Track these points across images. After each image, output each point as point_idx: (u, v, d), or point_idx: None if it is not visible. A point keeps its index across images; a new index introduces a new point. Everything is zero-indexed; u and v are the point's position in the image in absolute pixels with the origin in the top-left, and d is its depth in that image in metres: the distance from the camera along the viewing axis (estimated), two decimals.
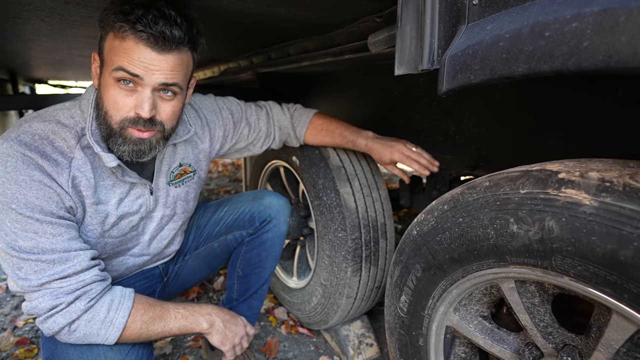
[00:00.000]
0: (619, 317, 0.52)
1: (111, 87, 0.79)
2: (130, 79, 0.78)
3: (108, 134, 0.83)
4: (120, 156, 0.86)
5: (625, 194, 0.48)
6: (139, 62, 0.76)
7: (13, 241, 0.77)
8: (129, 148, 0.83)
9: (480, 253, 0.66)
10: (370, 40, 0.91)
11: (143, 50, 0.76)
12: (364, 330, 1.52)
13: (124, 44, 0.76)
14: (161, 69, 0.78)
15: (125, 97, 0.80)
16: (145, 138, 0.84)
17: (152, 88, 0.79)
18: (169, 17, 0.76)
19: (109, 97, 0.80)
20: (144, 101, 0.79)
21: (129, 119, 0.81)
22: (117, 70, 0.77)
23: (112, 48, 0.78)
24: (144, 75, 0.77)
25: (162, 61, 0.78)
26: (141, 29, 0.74)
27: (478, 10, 0.61)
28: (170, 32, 0.76)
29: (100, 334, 0.82)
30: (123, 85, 0.79)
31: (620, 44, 0.40)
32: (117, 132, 0.82)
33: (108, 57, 0.79)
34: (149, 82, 0.78)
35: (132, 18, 0.74)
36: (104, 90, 0.81)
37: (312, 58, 1.33)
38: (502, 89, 1.05)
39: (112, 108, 0.81)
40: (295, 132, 1.28)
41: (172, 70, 0.80)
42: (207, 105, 1.15)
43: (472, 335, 0.75)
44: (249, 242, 1.28)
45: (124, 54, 0.76)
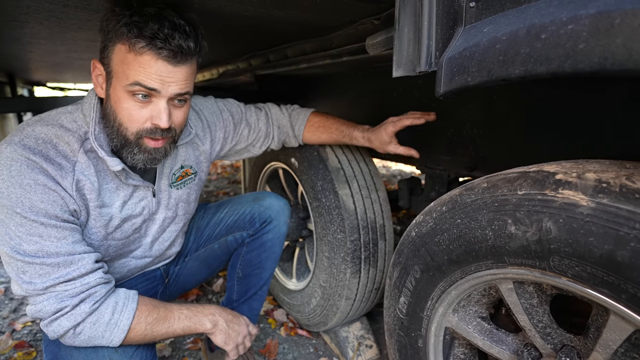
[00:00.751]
0: (616, 317, 0.52)
1: (125, 100, 0.80)
2: (147, 92, 0.79)
3: (122, 144, 0.84)
4: (133, 164, 0.87)
5: (622, 195, 0.48)
6: (156, 77, 0.78)
7: (17, 245, 0.77)
8: (144, 157, 0.86)
9: (478, 254, 0.66)
10: (368, 43, 0.91)
11: (160, 65, 0.77)
12: (363, 332, 1.52)
13: (139, 59, 0.76)
14: (176, 81, 0.80)
15: (141, 109, 0.81)
16: (160, 147, 0.87)
17: (167, 99, 0.81)
18: (180, 28, 0.78)
19: (122, 109, 0.81)
20: (161, 112, 0.81)
21: (146, 130, 0.83)
22: (133, 85, 0.78)
23: (125, 61, 0.77)
24: (161, 89, 0.79)
25: (177, 73, 0.80)
26: (161, 46, 0.75)
27: (475, 12, 0.62)
28: (187, 45, 0.78)
29: (105, 336, 0.82)
30: (139, 99, 0.80)
31: (616, 46, 0.40)
32: (132, 142, 0.84)
33: (119, 70, 0.79)
34: (165, 94, 0.80)
35: (149, 33, 0.74)
36: (116, 103, 0.82)
37: (311, 60, 1.33)
38: (499, 91, 1.06)
39: (128, 120, 0.82)
40: (294, 131, 1.29)
41: (185, 80, 0.82)
42: (208, 107, 1.16)
43: (471, 336, 0.75)
44: (249, 243, 1.29)
45: (139, 68, 0.77)
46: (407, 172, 4.46)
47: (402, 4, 0.70)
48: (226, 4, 0.80)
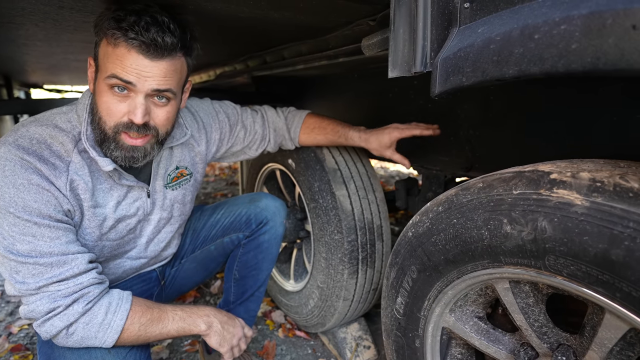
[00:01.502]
0: (611, 316, 0.52)
1: (105, 93, 0.80)
2: (123, 85, 0.78)
3: (102, 138, 0.83)
4: (114, 160, 0.86)
5: (616, 194, 0.48)
6: (132, 69, 0.77)
7: (11, 245, 0.77)
8: (121, 154, 0.84)
9: (474, 254, 0.66)
10: (364, 44, 0.91)
11: (135, 57, 0.76)
12: (361, 333, 1.51)
13: (116, 51, 0.76)
14: (153, 76, 0.79)
15: (119, 103, 0.80)
16: (139, 145, 0.84)
17: (145, 94, 0.80)
18: (161, 24, 0.77)
19: (102, 103, 0.81)
20: (136, 107, 0.79)
21: (122, 124, 0.81)
22: (111, 78, 0.77)
23: (106, 54, 0.78)
24: (137, 82, 0.78)
25: (155, 68, 0.78)
26: (133, 37, 0.74)
27: (469, 13, 0.62)
28: (162, 39, 0.76)
29: (98, 337, 0.82)
30: (117, 92, 0.79)
31: (608, 46, 0.40)
32: (110, 137, 0.82)
33: (102, 64, 0.79)
34: (141, 88, 0.79)
35: (125, 25, 0.74)
36: (98, 96, 0.81)
37: (307, 61, 1.33)
38: (495, 91, 1.06)
39: (106, 114, 0.81)
40: (290, 133, 1.29)
41: (164, 76, 0.80)
42: (204, 108, 1.16)
43: (467, 336, 0.75)
44: (245, 244, 1.28)
45: (117, 60, 0.76)
46: (404, 172, 4.46)
47: (397, 5, 0.70)
48: (222, 5, 0.80)
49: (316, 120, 1.27)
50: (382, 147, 1.17)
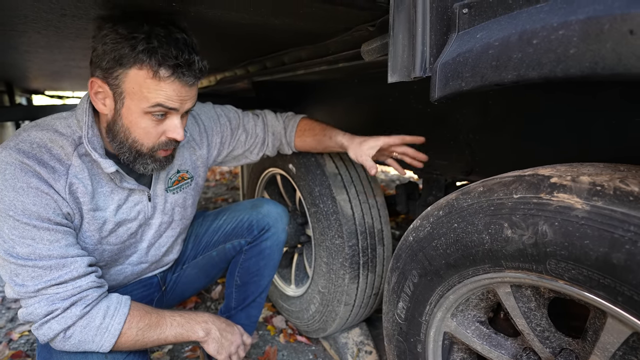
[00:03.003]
0: (614, 320, 0.52)
1: (141, 119, 0.83)
2: (166, 112, 0.83)
3: (135, 157, 0.88)
4: (144, 171, 0.91)
5: (616, 198, 0.48)
6: (177, 98, 0.82)
7: (11, 248, 0.77)
8: (155, 165, 0.91)
9: (475, 258, 0.66)
10: (363, 49, 0.92)
11: (181, 87, 0.81)
12: (362, 338, 1.51)
13: (162, 84, 0.79)
14: (191, 97, 0.86)
15: (157, 126, 0.85)
16: (169, 155, 0.92)
17: (181, 114, 0.86)
18: (194, 48, 0.82)
19: (139, 128, 0.84)
20: (177, 127, 0.86)
21: (162, 143, 0.88)
22: (155, 106, 0.81)
23: (144, 85, 0.79)
24: (180, 107, 0.84)
25: (193, 91, 0.86)
26: (187, 74, 0.80)
27: (468, 18, 0.62)
28: (204, 65, 0.83)
29: (95, 341, 0.82)
30: (156, 117, 0.83)
31: (606, 51, 0.41)
32: (146, 155, 0.88)
33: (136, 92, 0.80)
34: (181, 111, 0.86)
35: (172, 62, 0.77)
36: (130, 122, 0.84)
37: (307, 67, 1.34)
38: (494, 95, 1.07)
39: (145, 137, 0.85)
40: (286, 137, 1.29)
41: (194, 96, 0.88)
42: (206, 112, 1.17)
43: (469, 340, 0.75)
44: (247, 250, 1.28)
45: (161, 92, 0.80)
46: (405, 177, 4.46)
47: (396, 11, 0.71)
48: (223, 12, 0.80)
49: (309, 122, 1.28)
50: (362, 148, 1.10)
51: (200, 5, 0.76)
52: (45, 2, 0.71)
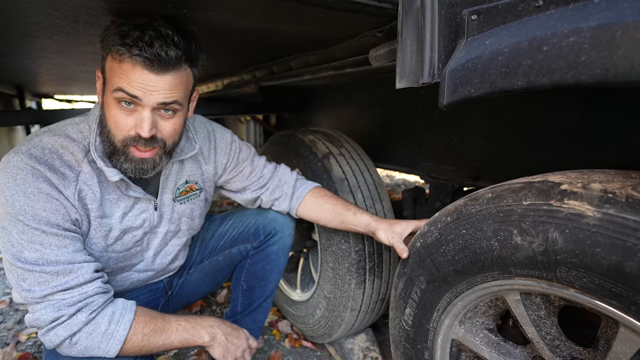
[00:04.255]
0: (626, 329, 0.51)
1: (112, 107, 0.81)
2: (129, 99, 0.79)
3: (111, 151, 0.85)
4: (124, 172, 0.87)
5: (628, 205, 0.48)
6: (137, 84, 0.77)
7: (19, 252, 0.78)
8: (131, 166, 0.85)
9: (484, 265, 0.65)
10: (371, 55, 0.92)
11: (140, 72, 0.77)
12: (368, 344, 1.50)
13: (122, 66, 0.77)
14: (159, 89, 0.79)
15: (126, 117, 0.81)
16: (148, 157, 0.86)
17: (151, 108, 0.81)
18: (165, 37, 0.77)
19: (110, 116, 0.82)
20: (143, 121, 0.80)
21: (131, 138, 0.83)
22: (117, 91, 0.79)
23: (112, 69, 0.79)
24: (143, 96, 0.79)
25: (160, 82, 0.79)
26: (137, 53, 0.75)
27: (477, 25, 0.62)
28: (166, 53, 0.77)
29: (101, 347, 0.82)
30: (124, 106, 0.80)
31: (618, 58, 0.41)
32: (120, 150, 0.84)
33: (109, 77, 0.81)
34: (147, 102, 0.80)
35: (129, 41, 0.75)
36: (107, 109, 0.83)
37: (314, 72, 1.35)
38: (503, 100, 1.06)
39: (114, 127, 0.82)
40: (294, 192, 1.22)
41: (170, 89, 0.81)
42: (221, 132, 1.17)
43: (478, 348, 0.74)
44: (253, 255, 1.28)
45: (122, 75, 0.78)
46: (411, 181, 4.45)
47: (404, 17, 0.71)
48: (233, 18, 0.81)
49: (327, 191, 1.22)
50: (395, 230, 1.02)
51: (210, 11, 0.76)
52: (60, 10, 0.72)
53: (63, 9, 0.72)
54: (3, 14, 0.77)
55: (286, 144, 1.59)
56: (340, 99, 1.90)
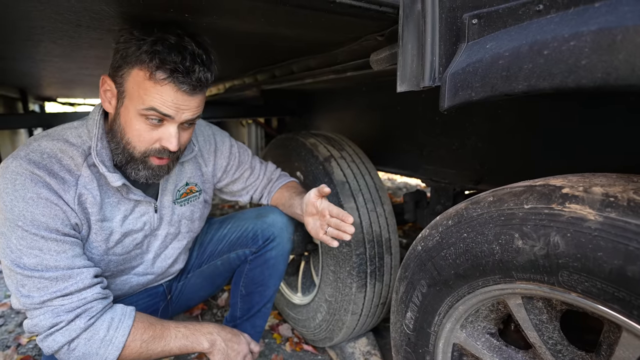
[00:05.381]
0: (629, 334, 0.51)
1: (136, 120, 0.82)
2: (160, 117, 0.81)
3: (128, 160, 0.86)
4: (135, 179, 0.89)
5: (630, 209, 0.48)
6: (172, 105, 0.80)
7: (18, 258, 0.77)
8: (147, 173, 0.88)
9: (485, 269, 0.65)
10: (372, 59, 0.93)
11: (176, 94, 0.79)
12: (369, 348, 1.49)
13: (158, 88, 0.78)
14: (190, 108, 0.83)
15: (151, 131, 0.83)
16: (164, 165, 0.89)
17: (178, 124, 0.84)
18: (202, 60, 0.80)
19: (133, 130, 0.83)
20: (172, 136, 0.83)
21: (154, 150, 0.85)
22: (149, 110, 0.80)
23: (142, 86, 0.79)
24: (175, 115, 0.82)
25: (192, 101, 0.83)
26: (182, 80, 0.78)
27: (477, 29, 0.62)
28: (205, 77, 0.81)
29: (99, 353, 0.81)
30: (151, 122, 0.82)
31: (619, 62, 0.41)
32: (138, 159, 0.86)
33: (134, 92, 0.80)
34: (177, 120, 0.83)
35: (171, 66, 0.77)
36: (127, 123, 0.83)
37: (316, 75, 1.35)
38: (504, 104, 1.06)
39: (137, 140, 0.84)
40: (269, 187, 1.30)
41: (197, 107, 0.85)
42: (221, 135, 1.19)
43: (479, 352, 0.74)
44: (252, 260, 1.27)
45: (157, 95, 0.79)
46: (412, 185, 4.44)
47: (405, 21, 0.71)
48: (235, 23, 0.82)
49: (291, 185, 1.29)
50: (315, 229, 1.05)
51: (212, 16, 0.77)
52: (63, 14, 0.73)
53: (66, 13, 0.73)
54: (7, 18, 0.77)
55: (288, 147, 1.60)
56: (342, 103, 1.90)
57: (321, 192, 1.00)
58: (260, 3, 0.66)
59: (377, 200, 1.37)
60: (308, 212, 1.06)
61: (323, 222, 1.02)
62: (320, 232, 1.03)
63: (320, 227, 1.03)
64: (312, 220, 1.05)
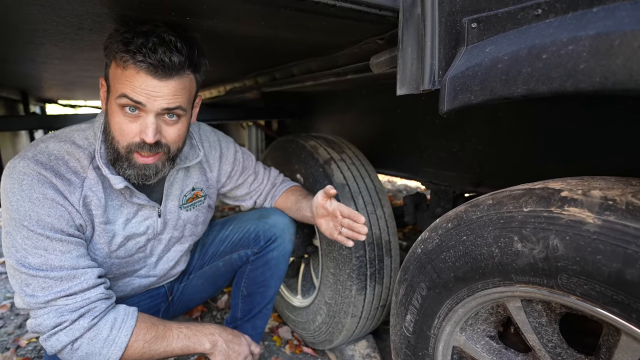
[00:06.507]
0: (628, 337, 0.51)
1: (116, 113, 0.82)
2: (133, 105, 0.80)
3: (115, 157, 0.85)
4: (127, 178, 0.88)
5: (629, 213, 0.48)
6: (141, 90, 0.78)
7: (23, 258, 0.78)
8: (134, 172, 0.86)
9: (485, 271, 0.65)
10: (372, 62, 0.93)
11: (144, 78, 0.78)
12: (369, 350, 1.49)
13: (125, 73, 0.78)
14: (163, 95, 0.80)
15: (130, 123, 0.82)
16: (151, 163, 0.86)
17: (155, 113, 0.81)
18: (169, 43, 0.78)
19: (114, 123, 0.83)
20: (147, 127, 0.81)
21: (135, 144, 0.83)
22: (121, 97, 0.79)
23: (115, 76, 0.80)
24: (147, 102, 0.79)
25: (164, 87, 0.80)
26: (141, 59, 0.76)
27: (477, 33, 0.63)
28: (170, 59, 0.78)
29: (102, 353, 0.82)
30: (128, 112, 0.81)
31: (616, 66, 0.41)
32: (123, 156, 0.84)
33: (113, 84, 0.82)
34: (151, 108, 0.80)
35: (133, 48, 0.76)
36: (111, 116, 0.83)
37: (316, 78, 1.36)
38: (503, 107, 1.07)
39: (119, 134, 0.83)
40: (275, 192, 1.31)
41: (173, 95, 0.82)
42: (226, 141, 1.20)
43: (479, 355, 0.74)
44: (253, 261, 1.28)
45: (126, 81, 0.78)
46: (412, 187, 4.45)
47: (405, 24, 0.72)
48: (235, 25, 0.82)
49: (295, 189, 1.29)
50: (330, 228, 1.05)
51: (213, 19, 0.77)
52: (65, 17, 0.73)
53: (68, 16, 0.73)
54: (9, 21, 0.78)
55: (288, 149, 1.60)
56: (342, 105, 1.91)
57: (327, 194, 1.00)
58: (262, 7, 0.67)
59: (377, 203, 1.37)
60: (319, 215, 1.06)
61: (336, 223, 1.02)
62: (334, 232, 1.03)
63: (334, 227, 1.03)
64: (325, 221, 1.06)
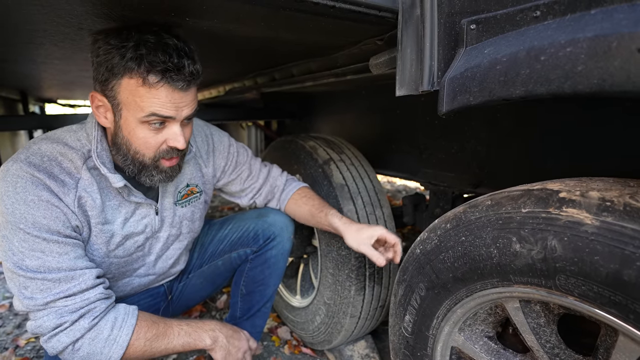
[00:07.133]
0: (625, 338, 0.51)
1: (139, 129, 0.82)
2: (162, 120, 0.82)
3: (140, 169, 0.88)
4: (151, 184, 0.91)
5: (626, 214, 0.48)
6: (170, 105, 0.80)
7: (20, 260, 0.78)
8: (162, 176, 0.90)
9: (483, 272, 0.65)
10: (372, 62, 0.93)
11: (171, 92, 0.80)
12: (368, 351, 1.49)
13: (154, 91, 0.78)
14: (186, 104, 0.84)
15: (156, 135, 0.84)
16: (175, 164, 0.91)
17: (180, 121, 0.85)
18: (185, 53, 0.79)
19: (138, 138, 0.83)
20: (177, 135, 0.85)
21: (163, 152, 0.86)
22: (150, 116, 0.80)
23: (137, 94, 0.78)
24: (175, 115, 0.83)
25: (187, 97, 0.83)
26: (176, 78, 0.78)
27: (476, 34, 0.63)
28: (196, 70, 0.81)
29: (104, 352, 0.82)
30: (155, 127, 0.83)
31: (614, 68, 0.41)
32: (150, 166, 0.87)
33: (130, 102, 0.80)
34: (178, 118, 0.84)
35: (160, 68, 0.76)
36: (129, 133, 0.83)
37: (316, 78, 1.36)
38: (502, 108, 1.07)
39: (145, 148, 0.85)
40: (282, 195, 1.28)
41: (193, 101, 0.86)
42: (219, 135, 1.19)
43: (477, 356, 0.74)
44: (252, 259, 1.28)
45: (154, 99, 0.79)
46: (411, 188, 4.45)
47: (404, 25, 0.72)
48: (234, 26, 0.82)
49: (309, 192, 1.27)
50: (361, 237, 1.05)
51: (212, 20, 0.77)
52: (65, 18, 0.73)
53: (68, 16, 0.73)
54: (9, 22, 0.78)
55: (287, 149, 1.60)
56: (341, 106, 1.91)
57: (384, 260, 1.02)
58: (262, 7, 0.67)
59: (376, 203, 1.37)
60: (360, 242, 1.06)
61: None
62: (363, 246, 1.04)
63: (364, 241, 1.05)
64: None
